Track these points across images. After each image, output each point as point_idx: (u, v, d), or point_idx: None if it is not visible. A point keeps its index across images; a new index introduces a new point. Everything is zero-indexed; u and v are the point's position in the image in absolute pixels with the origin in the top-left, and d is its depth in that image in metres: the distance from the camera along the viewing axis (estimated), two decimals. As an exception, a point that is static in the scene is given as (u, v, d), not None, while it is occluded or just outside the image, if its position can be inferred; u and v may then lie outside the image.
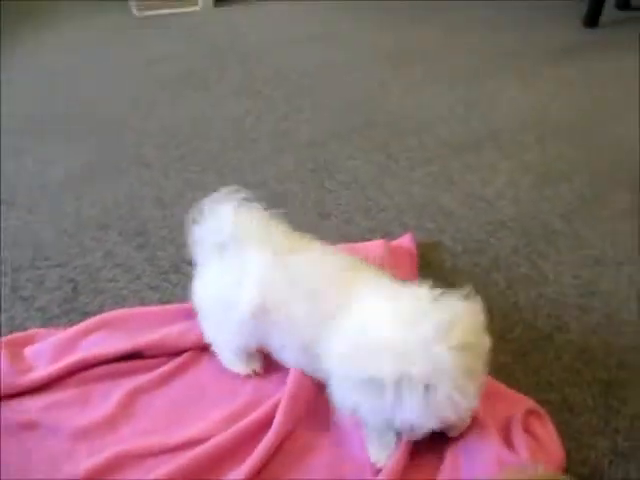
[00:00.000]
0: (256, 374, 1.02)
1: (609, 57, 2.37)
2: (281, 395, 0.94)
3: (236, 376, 1.02)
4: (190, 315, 1.08)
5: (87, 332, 1.11)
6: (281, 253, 0.93)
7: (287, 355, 0.96)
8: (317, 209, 1.48)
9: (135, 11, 2.79)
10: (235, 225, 0.95)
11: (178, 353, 1.08)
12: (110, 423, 0.96)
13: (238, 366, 1.02)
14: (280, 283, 0.91)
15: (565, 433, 0.95)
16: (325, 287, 0.89)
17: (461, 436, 0.89)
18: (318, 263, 0.93)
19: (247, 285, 0.92)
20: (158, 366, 1.06)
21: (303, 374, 0.97)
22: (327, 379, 0.86)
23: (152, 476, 0.86)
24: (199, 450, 0.89)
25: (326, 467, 0.87)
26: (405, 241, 1.33)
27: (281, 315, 0.91)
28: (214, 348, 1.04)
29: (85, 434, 0.95)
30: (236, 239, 0.95)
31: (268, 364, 1.02)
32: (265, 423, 0.92)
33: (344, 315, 0.84)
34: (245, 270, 0.93)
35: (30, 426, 0.95)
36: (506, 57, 2.37)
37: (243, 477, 0.86)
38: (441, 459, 0.88)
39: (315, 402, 0.96)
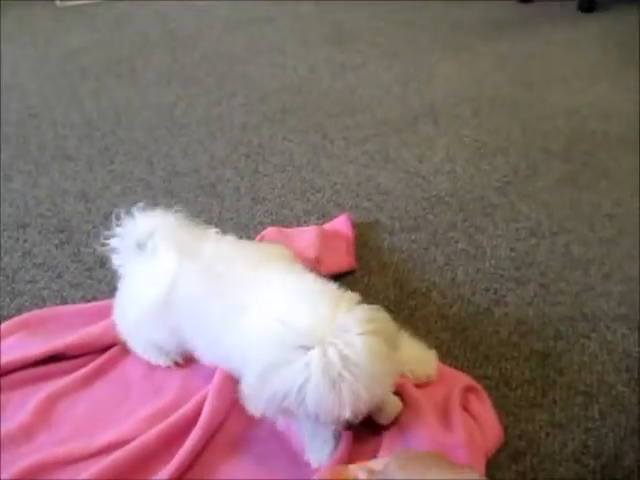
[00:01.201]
0: (178, 365, 0.98)
1: (542, 32, 2.38)
2: (208, 390, 0.89)
3: (161, 372, 0.97)
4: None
5: (3, 336, 1.04)
6: (189, 252, 0.92)
7: (198, 352, 0.93)
8: (251, 194, 1.44)
9: (57, 1, 2.67)
10: (148, 228, 0.96)
11: (102, 351, 1.02)
12: (26, 432, 0.90)
13: (157, 358, 0.97)
14: (186, 280, 0.90)
15: (502, 407, 0.94)
16: (230, 283, 0.87)
17: (396, 420, 0.86)
18: (223, 259, 0.92)
19: (153, 283, 0.92)
20: (80, 367, 1.00)
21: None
22: (238, 375, 0.83)
23: (75, 484, 0.81)
24: (122, 452, 0.84)
25: (256, 462, 0.84)
26: (341, 222, 1.29)
27: (187, 311, 0.90)
28: (130, 345, 0.99)
29: (0, 445, 0.88)
30: (150, 241, 0.96)
31: (194, 358, 0.97)
32: (192, 419, 0.87)
33: (248, 311, 0.81)
34: (152, 269, 0.93)
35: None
36: (441, 33, 2.36)
37: (169, 475, 0.81)
38: (378, 448, 0.85)
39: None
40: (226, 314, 0.85)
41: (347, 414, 0.72)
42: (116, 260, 1.01)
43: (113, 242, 1.00)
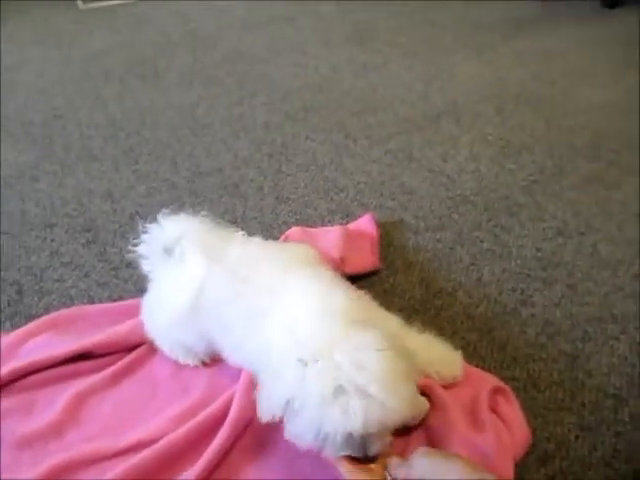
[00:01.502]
0: (205, 365, 0.98)
1: (564, 29, 2.35)
2: (235, 389, 0.89)
3: (188, 371, 0.98)
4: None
5: (31, 335, 1.05)
6: (216, 256, 0.93)
7: (225, 353, 0.93)
8: (275, 194, 1.44)
9: (80, 3, 2.70)
10: (175, 233, 0.97)
11: (129, 350, 1.03)
12: (55, 430, 0.91)
13: (185, 358, 0.98)
14: (213, 284, 0.91)
15: (531, 410, 0.93)
16: (255, 287, 0.87)
17: (424, 422, 0.86)
18: (249, 263, 0.92)
19: (182, 288, 0.93)
20: (108, 366, 1.01)
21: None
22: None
23: (101, 482, 0.82)
24: (150, 451, 0.84)
25: (283, 462, 0.83)
26: (365, 222, 1.29)
27: (214, 315, 0.90)
28: (158, 345, 1.00)
29: (30, 442, 0.89)
30: (179, 246, 0.96)
31: (221, 358, 0.98)
32: (220, 418, 0.88)
33: (270, 316, 0.81)
34: (181, 274, 0.94)
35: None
36: (462, 32, 2.34)
37: (196, 475, 0.81)
38: (407, 450, 0.85)
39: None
40: (250, 318, 0.85)
41: (358, 429, 0.69)
42: (145, 266, 1.02)
43: (141, 248, 1.01)
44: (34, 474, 0.84)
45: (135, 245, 1.01)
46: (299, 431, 0.73)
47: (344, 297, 0.81)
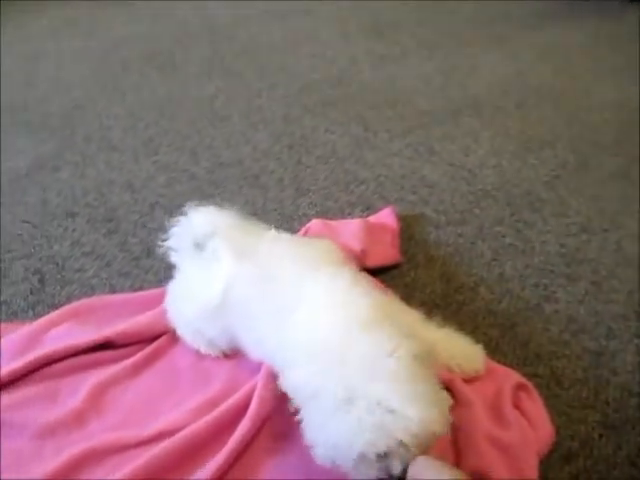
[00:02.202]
0: (226, 356, 0.98)
1: (586, 22, 2.32)
2: (256, 381, 0.89)
3: (209, 362, 0.98)
4: (163, 300, 1.03)
5: (54, 324, 1.06)
6: (246, 254, 0.92)
7: (246, 348, 0.94)
8: (295, 185, 1.43)
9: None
10: (206, 228, 0.97)
11: (151, 340, 1.03)
12: (78, 418, 0.91)
13: (206, 349, 0.98)
14: (241, 282, 0.90)
15: (554, 407, 0.92)
16: (281, 285, 0.87)
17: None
18: (277, 261, 0.91)
19: (211, 285, 0.92)
20: (129, 355, 1.01)
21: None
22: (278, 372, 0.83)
23: (124, 471, 0.82)
24: (172, 440, 0.84)
25: (300, 459, 0.83)
26: (386, 215, 1.28)
27: (239, 311, 0.90)
28: (179, 334, 1.00)
29: (52, 431, 0.90)
30: (207, 241, 0.96)
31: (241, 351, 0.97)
32: (241, 410, 0.87)
33: (294, 315, 0.81)
34: (211, 271, 0.94)
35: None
36: (483, 24, 2.31)
37: (219, 466, 0.81)
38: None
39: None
40: (274, 315, 0.85)
41: (370, 446, 0.66)
42: (173, 258, 1.02)
43: (171, 241, 1.01)
44: (57, 462, 0.84)
45: (164, 238, 1.01)
46: (311, 438, 0.72)
47: (364, 301, 0.79)
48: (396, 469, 0.68)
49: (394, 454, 0.67)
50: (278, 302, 0.85)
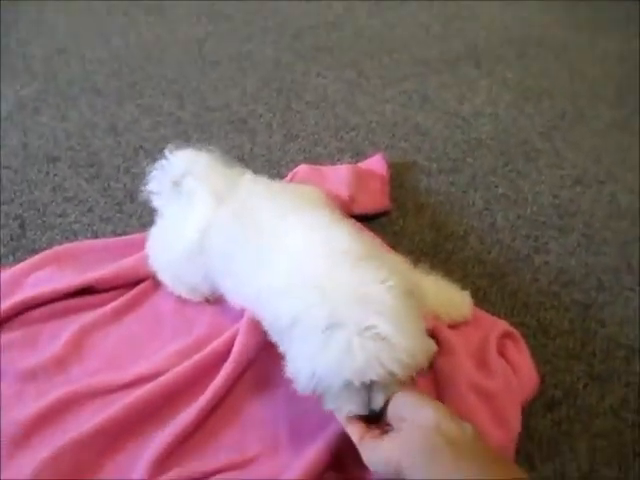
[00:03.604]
0: (209, 302, 0.96)
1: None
2: (239, 326, 0.88)
3: (192, 308, 0.96)
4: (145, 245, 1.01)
5: (34, 269, 1.03)
6: (223, 195, 0.90)
7: (227, 294, 0.91)
8: (283, 131, 1.39)
9: None
10: (181, 168, 0.94)
11: (133, 285, 1.01)
12: (59, 363, 0.90)
13: (187, 294, 0.96)
14: (219, 224, 0.88)
15: (540, 356, 0.91)
16: (260, 228, 0.83)
17: (431, 365, 0.84)
18: (256, 204, 0.88)
19: (187, 227, 0.90)
20: (111, 300, 0.99)
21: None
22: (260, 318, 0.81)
23: (105, 414, 0.81)
24: (154, 384, 0.83)
25: (287, 401, 0.82)
26: (376, 161, 1.24)
27: (218, 255, 0.88)
28: (160, 278, 0.98)
29: (33, 376, 0.88)
30: (186, 182, 0.94)
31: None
32: (224, 354, 0.86)
33: (275, 259, 0.77)
34: (187, 213, 0.91)
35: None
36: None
37: (201, 408, 0.81)
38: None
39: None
40: (254, 260, 0.82)
41: (359, 371, 0.62)
42: (156, 202, 0.99)
43: (151, 185, 0.98)
44: (39, 406, 0.83)
45: (145, 183, 0.98)
46: (294, 369, 0.68)
47: (348, 238, 0.76)
48: (378, 403, 0.65)
49: (379, 385, 0.64)
50: (257, 244, 0.82)
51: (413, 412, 0.63)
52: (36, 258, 1.05)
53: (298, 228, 0.80)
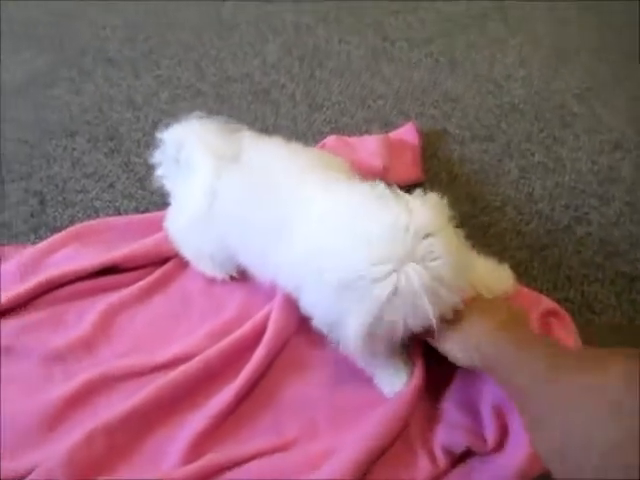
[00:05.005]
0: (236, 280, 0.93)
1: None
2: (271, 307, 0.85)
3: (220, 287, 0.93)
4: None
5: (57, 247, 1.01)
6: (225, 157, 0.86)
7: (250, 268, 0.87)
8: (308, 101, 1.33)
9: None
10: (175, 141, 0.91)
11: (157, 264, 0.98)
12: (87, 345, 0.88)
13: (212, 270, 0.93)
14: (226, 187, 0.84)
15: (586, 333, 0.87)
16: (274, 192, 0.79)
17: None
18: (265, 165, 0.84)
19: (192, 194, 0.87)
20: (137, 280, 0.96)
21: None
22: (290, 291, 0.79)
23: (137, 397, 0.79)
24: (185, 368, 0.81)
25: (323, 384, 0.79)
26: (406, 131, 1.19)
27: (230, 222, 0.84)
28: (183, 254, 0.95)
29: (61, 357, 0.86)
30: (183, 154, 0.91)
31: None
32: (256, 337, 0.83)
33: (297, 219, 0.74)
34: (191, 180, 0.88)
35: (1, 351, 0.87)
36: None
37: (234, 393, 0.79)
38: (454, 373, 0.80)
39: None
40: (272, 227, 0.78)
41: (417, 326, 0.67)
42: (167, 185, 0.97)
43: (159, 170, 0.96)
44: (69, 387, 0.81)
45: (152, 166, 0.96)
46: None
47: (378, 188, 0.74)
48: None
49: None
50: (273, 213, 0.78)
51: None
52: (58, 236, 1.02)
53: (327, 196, 0.75)
